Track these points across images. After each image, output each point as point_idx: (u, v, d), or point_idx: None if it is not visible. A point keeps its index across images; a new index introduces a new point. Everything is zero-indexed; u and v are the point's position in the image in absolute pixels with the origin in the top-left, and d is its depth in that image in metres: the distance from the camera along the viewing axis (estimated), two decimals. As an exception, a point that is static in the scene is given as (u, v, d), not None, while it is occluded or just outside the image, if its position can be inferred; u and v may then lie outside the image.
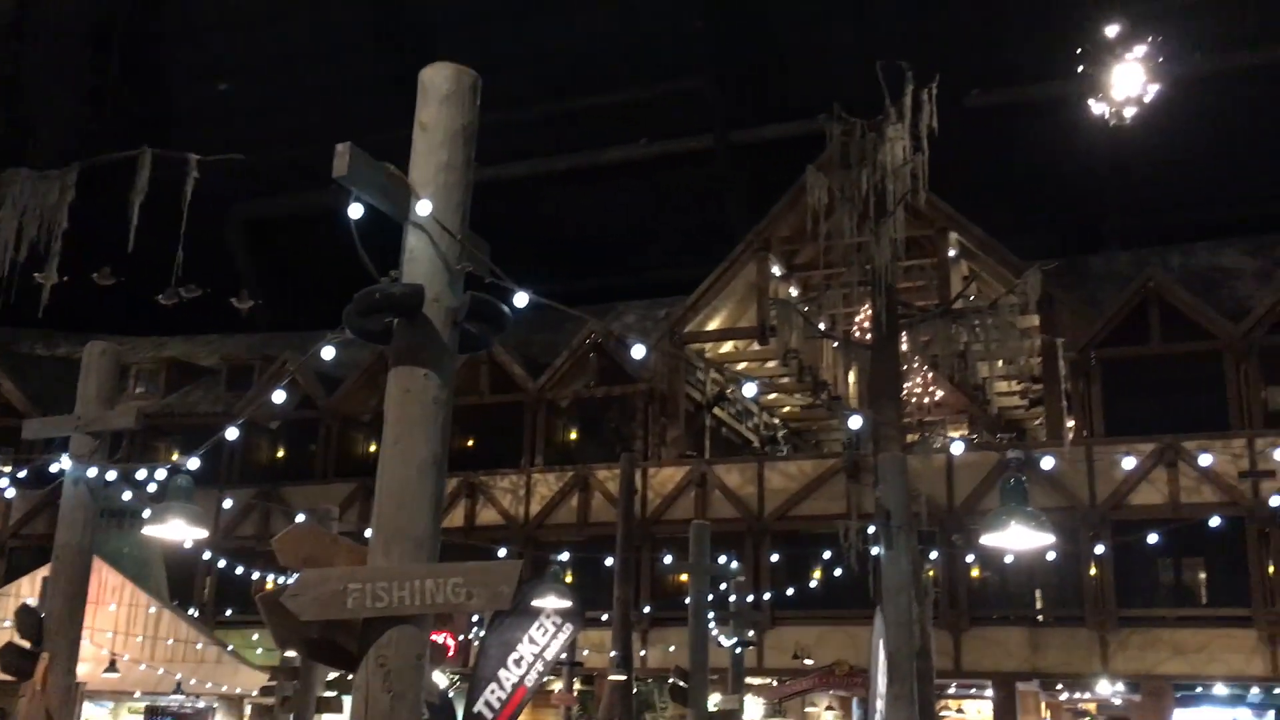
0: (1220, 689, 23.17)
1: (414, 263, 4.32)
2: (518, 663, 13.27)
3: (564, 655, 18.38)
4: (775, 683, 24.87)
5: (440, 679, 22.14)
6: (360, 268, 4.41)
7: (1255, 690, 23.19)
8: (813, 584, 22.11)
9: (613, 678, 18.17)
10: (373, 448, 30.11)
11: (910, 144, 15.47)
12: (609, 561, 18.71)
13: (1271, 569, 22.17)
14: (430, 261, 4.31)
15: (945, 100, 15.16)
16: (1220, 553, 22.67)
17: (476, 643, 18.96)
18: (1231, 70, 35.63)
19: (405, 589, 4.01)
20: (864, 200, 15.23)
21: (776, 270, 28.11)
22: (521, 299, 4.81)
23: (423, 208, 4.29)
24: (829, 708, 27.25)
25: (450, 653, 23.80)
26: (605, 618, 19.99)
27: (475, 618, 18.17)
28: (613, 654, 18.06)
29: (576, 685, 24.36)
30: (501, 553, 19.85)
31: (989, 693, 24.54)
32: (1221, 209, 35.46)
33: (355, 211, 4.30)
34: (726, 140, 42.22)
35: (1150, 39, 26.38)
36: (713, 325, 29.67)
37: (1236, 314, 24.32)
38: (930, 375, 27.24)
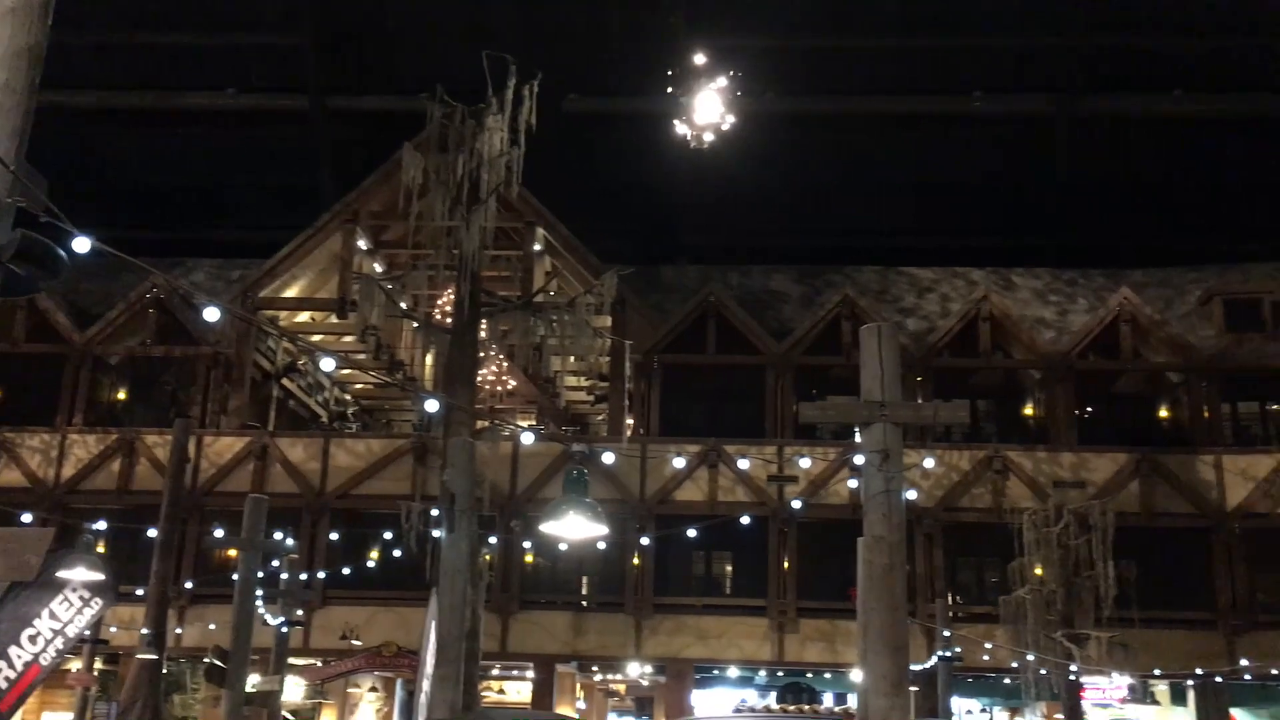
0: (733, 671, 25.57)
1: (-48, 188, 3.81)
2: (33, 639, 12.03)
3: (87, 632, 16.93)
4: (320, 663, 24.35)
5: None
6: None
7: (762, 673, 25.80)
8: (370, 564, 21.89)
9: (141, 657, 16.97)
10: None
11: (508, 136, 15.77)
12: (152, 533, 17.47)
13: (786, 564, 24.78)
14: (-27, 189, 3.81)
15: (546, 100, 15.56)
16: (746, 548, 25.00)
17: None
18: (797, 113, 39.40)
19: (-94, 556, 3.53)
20: (458, 185, 15.32)
21: (363, 244, 27.54)
22: (82, 244, 4.39)
23: (-31, 128, 3.79)
24: (372, 689, 27.07)
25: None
26: (141, 593, 18.65)
27: (-15, 589, 16.26)
28: (144, 631, 16.88)
29: (98, 665, 22.52)
30: (26, 518, 17.93)
31: (530, 674, 25.48)
32: (777, 237, 39.14)
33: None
34: (322, 104, 40.72)
35: (730, 73, 28.60)
36: (290, 293, 28.55)
37: (780, 334, 26.95)
38: (505, 364, 27.85)
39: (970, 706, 25.99)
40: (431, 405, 10.52)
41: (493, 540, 21.19)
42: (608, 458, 16.34)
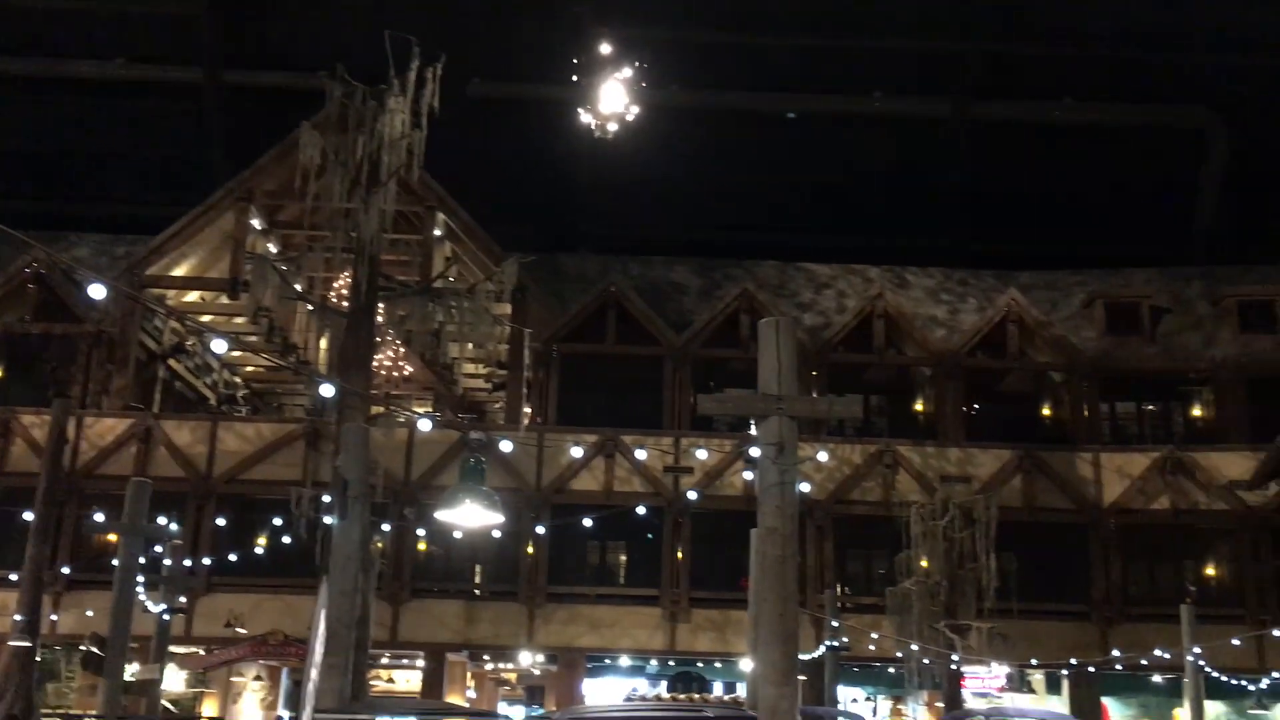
0: (625, 660, 25.69)
1: None
2: (-104, 626, 11.50)
3: (-44, 619, 16.27)
4: (203, 652, 23.78)
5: None
6: None
7: (653, 662, 25.97)
8: (258, 550, 21.45)
9: (14, 644, 16.39)
10: None
11: (410, 119, 15.55)
12: (28, 515, 16.87)
13: (680, 555, 24.96)
14: None
15: (449, 83, 15.40)
16: (641, 538, 25.12)
17: None
18: (700, 107, 39.65)
19: None
20: (357, 167, 15.07)
21: (257, 224, 26.89)
22: (-43, 213, 4.19)
23: None
24: (257, 678, 26.50)
25: None
26: (15, 577, 18.00)
27: None
28: (17, 618, 16.31)
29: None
30: (-111, 499, 17.16)
31: (420, 662, 25.25)
32: (679, 229, 39.31)
33: None
34: (217, 78, 39.59)
35: (635, 64, 28.63)
36: (179, 271, 27.77)
37: (679, 325, 27.11)
38: (402, 350, 27.50)
39: (855, 695, 26.53)
40: (325, 390, 10.35)
41: (385, 527, 20.99)
42: (505, 446, 16.19)
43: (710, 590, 24.54)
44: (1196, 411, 27.33)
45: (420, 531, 23.52)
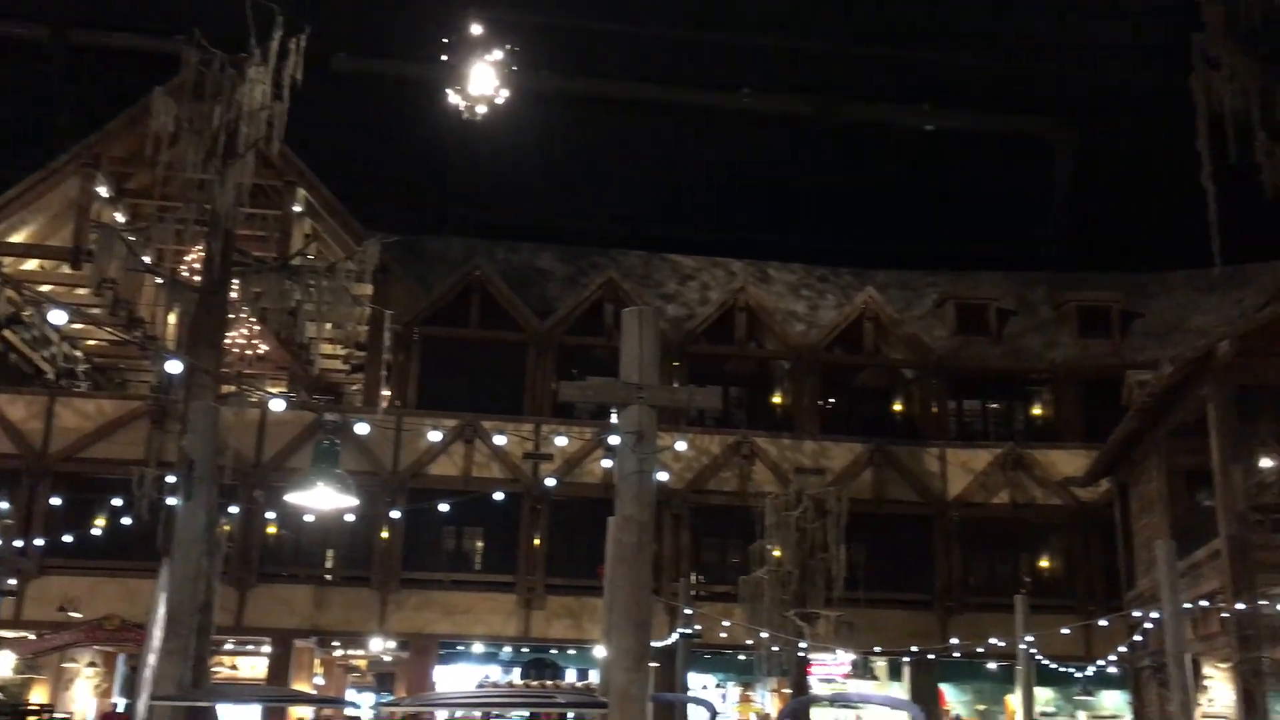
0: (478, 647, 25.54)
1: None
2: None
3: None
4: (34, 636, 22.72)
5: None
6: None
7: (507, 649, 25.89)
8: (95, 531, 20.60)
9: None
10: None
11: (271, 90, 15.10)
12: None
13: (537, 541, 24.92)
14: None
15: (313, 56, 15.01)
16: (498, 524, 24.99)
17: None
18: (571, 94, 39.54)
19: None
20: (214, 137, 14.57)
21: (103, 191, 25.72)
22: None
23: None
24: (91, 664, 25.46)
25: None
26: None
27: None
28: None
29: None
30: None
31: (266, 649, 24.62)
32: (545, 216, 39.15)
33: None
34: (63, 36, 37.67)
35: (506, 47, 28.33)
36: (17, 238, 26.37)
37: (543, 312, 27.03)
38: (257, 328, 26.70)
39: (706, 682, 26.92)
40: (173, 366, 9.97)
41: (233, 510, 20.38)
42: (361, 428, 15.93)
43: (566, 577, 24.59)
44: (1036, 410, 28.56)
45: (270, 514, 22.91)
